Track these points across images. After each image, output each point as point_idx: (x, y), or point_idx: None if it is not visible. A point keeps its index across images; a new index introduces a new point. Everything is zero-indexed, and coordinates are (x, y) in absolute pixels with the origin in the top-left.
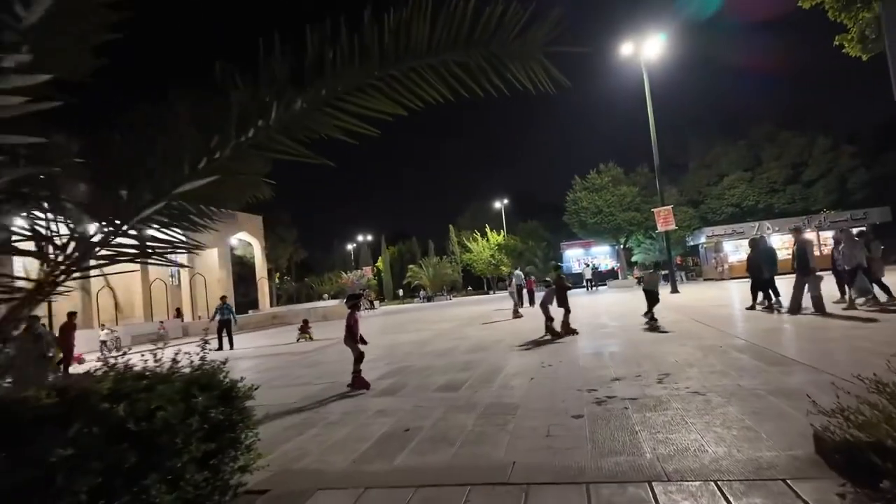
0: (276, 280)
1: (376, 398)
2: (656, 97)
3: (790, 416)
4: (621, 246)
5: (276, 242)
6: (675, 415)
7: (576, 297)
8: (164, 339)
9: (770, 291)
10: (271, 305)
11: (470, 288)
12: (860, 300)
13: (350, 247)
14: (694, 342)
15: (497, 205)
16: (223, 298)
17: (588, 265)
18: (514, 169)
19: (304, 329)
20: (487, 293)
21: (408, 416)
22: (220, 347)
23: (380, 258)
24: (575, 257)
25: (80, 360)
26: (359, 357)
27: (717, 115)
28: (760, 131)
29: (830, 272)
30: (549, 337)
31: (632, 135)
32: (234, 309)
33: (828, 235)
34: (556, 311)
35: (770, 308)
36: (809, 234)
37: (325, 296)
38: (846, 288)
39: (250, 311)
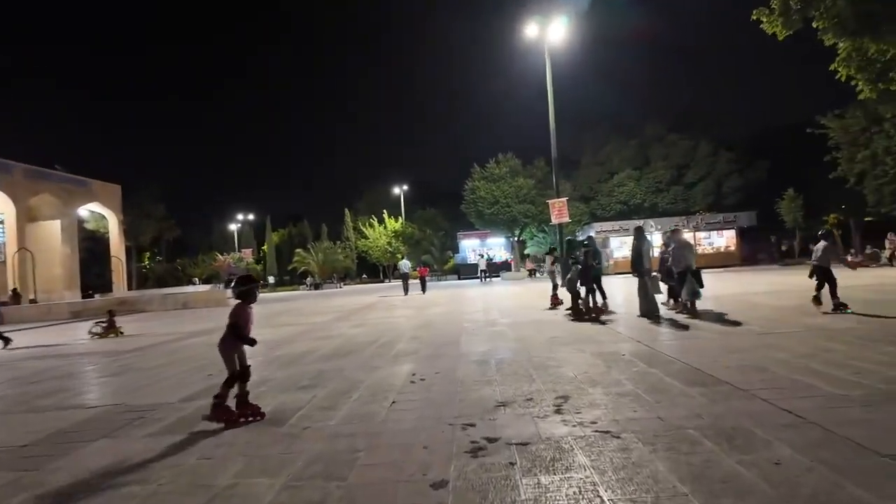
0: (146, 261)
1: (154, 438)
2: (556, 90)
3: (748, 483)
4: (516, 238)
5: (140, 217)
6: (584, 480)
7: (469, 288)
8: None
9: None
10: (130, 288)
11: (365, 276)
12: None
13: (234, 227)
14: (592, 347)
15: (396, 190)
16: None
17: (482, 256)
18: (416, 155)
19: (111, 324)
20: (383, 281)
21: (179, 479)
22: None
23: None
24: (471, 247)
25: None
26: (233, 374)
27: (614, 111)
28: (652, 131)
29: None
30: (572, 316)
31: (531, 128)
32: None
33: (702, 235)
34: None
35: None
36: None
37: (196, 280)
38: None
39: (97, 296)
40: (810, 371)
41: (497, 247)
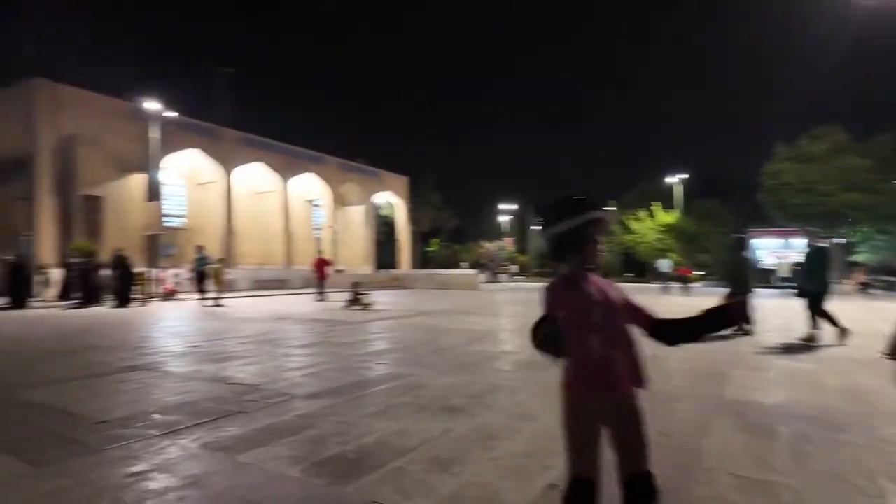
0: (435, 246)
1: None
2: None
3: None
4: (841, 238)
5: (421, 205)
6: None
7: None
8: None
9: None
10: (413, 268)
11: (630, 274)
12: None
13: (506, 218)
14: None
15: (670, 179)
16: (199, 248)
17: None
18: (697, 138)
19: (355, 297)
20: (647, 282)
21: None
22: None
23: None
24: (767, 249)
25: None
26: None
27: None
28: None
29: None
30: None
31: (867, 88)
32: (208, 259)
33: None
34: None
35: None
36: None
37: (464, 264)
38: None
39: (381, 271)
40: None
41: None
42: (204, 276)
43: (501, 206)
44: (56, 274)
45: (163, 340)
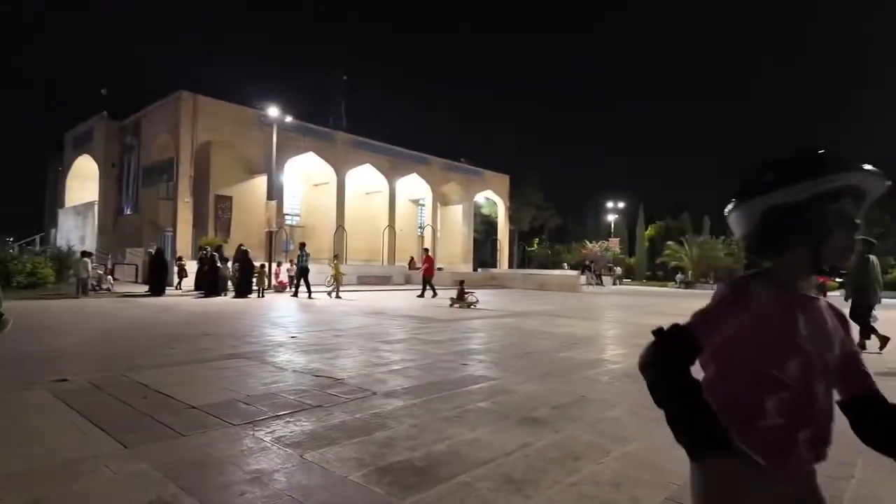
0: (535, 245)
1: None
2: None
3: None
4: None
5: (521, 204)
6: None
7: None
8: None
9: None
10: (510, 267)
11: None
12: None
13: (612, 217)
14: None
15: None
16: (302, 245)
17: None
18: (841, 128)
19: (460, 294)
20: None
21: None
22: (296, 294)
23: (646, 231)
24: None
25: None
26: None
27: None
28: None
29: None
30: None
31: None
32: (309, 256)
33: None
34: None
35: None
36: None
37: (565, 265)
38: None
39: (479, 270)
40: None
41: None
42: (305, 272)
43: (609, 205)
44: (190, 265)
45: (267, 330)
